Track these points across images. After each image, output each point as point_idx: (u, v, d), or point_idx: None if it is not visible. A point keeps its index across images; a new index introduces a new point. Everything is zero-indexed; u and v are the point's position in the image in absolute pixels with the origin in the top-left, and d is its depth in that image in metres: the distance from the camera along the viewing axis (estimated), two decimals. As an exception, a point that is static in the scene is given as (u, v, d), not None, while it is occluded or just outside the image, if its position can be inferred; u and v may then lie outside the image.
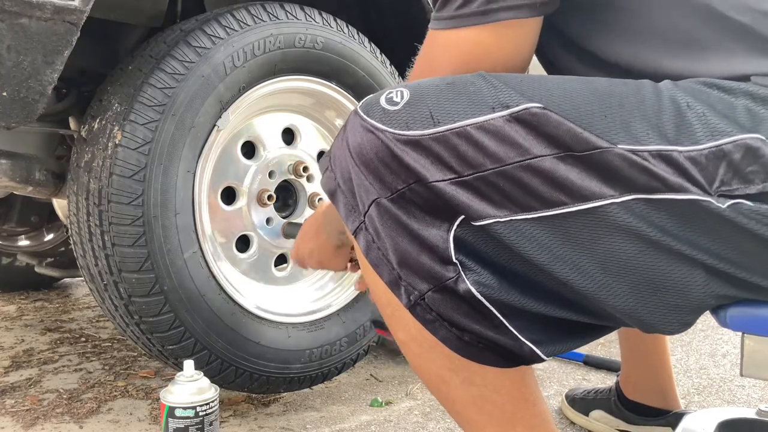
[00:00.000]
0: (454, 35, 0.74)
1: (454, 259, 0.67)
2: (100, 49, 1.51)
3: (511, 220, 0.65)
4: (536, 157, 0.64)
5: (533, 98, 0.65)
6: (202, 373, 1.16)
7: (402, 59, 1.83)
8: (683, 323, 0.70)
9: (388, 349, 1.93)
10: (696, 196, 0.63)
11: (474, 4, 0.71)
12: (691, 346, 2.01)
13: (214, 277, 1.33)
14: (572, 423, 1.42)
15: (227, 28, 1.32)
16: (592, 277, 0.66)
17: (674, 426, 1.24)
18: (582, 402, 1.40)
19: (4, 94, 1.05)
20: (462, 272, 0.67)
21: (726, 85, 0.67)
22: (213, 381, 1.18)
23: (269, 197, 1.46)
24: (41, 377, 1.69)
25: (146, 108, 1.23)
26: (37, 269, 2.54)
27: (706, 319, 2.28)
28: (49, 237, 2.60)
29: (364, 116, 0.70)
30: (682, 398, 1.46)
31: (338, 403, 1.54)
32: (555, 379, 1.71)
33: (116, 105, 1.27)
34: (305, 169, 1.53)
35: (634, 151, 0.63)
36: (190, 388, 1.13)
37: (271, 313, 1.44)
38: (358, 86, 1.55)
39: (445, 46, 0.76)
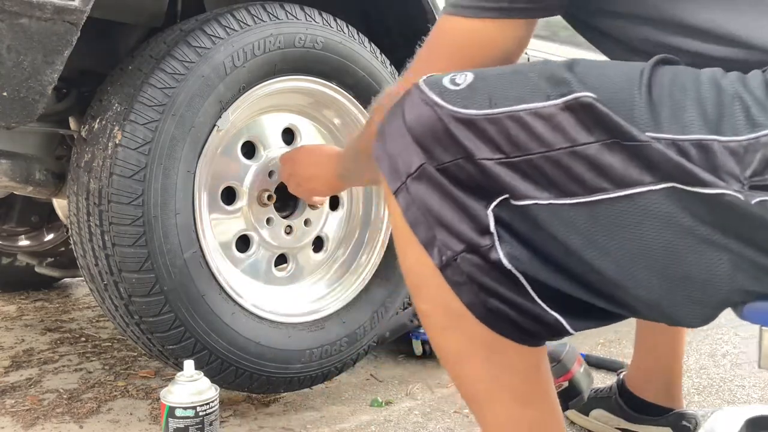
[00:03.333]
0: (465, 23, 0.82)
1: (492, 230, 0.70)
2: (100, 49, 1.51)
3: (551, 204, 0.68)
4: (582, 144, 0.66)
5: (587, 87, 0.67)
6: (202, 373, 1.16)
7: (402, 59, 1.83)
8: (706, 317, 0.71)
9: (388, 349, 1.93)
10: (726, 190, 0.63)
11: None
12: (691, 346, 2.01)
13: (214, 277, 1.33)
14: (571, 423, 1.42)
15: (227, 28, 1.32)
16: (622, 265, 0.68)
17: (674, 425, 1.24)
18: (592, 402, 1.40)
19: (4, 94, 1.05)
20: (497, 243, 0.70)
21: None
22: (213, 381, 1.18)
23: (269, 197, 1.46)
24: (41, 377, 1.69)
25: (146, 108, 1.23)
26: (37, 269, 2.54)
27: (706, 319, 2.24)
28: (49, 237, 2.59)
29: (426, 90, 0.73)
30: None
31: (338, 403, 1.54)
32: (555, 379, 1.71)
33: (116, 105, 1.27)
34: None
35: (674, 141, 0.64)
36: (190, 388, 1.13)
37: (271, 313, 1.44)
38: (358, 86, 1.55)
39: (451, 32, 0.85)
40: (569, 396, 1.09)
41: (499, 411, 0.78)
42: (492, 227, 0.70)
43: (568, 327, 0.72)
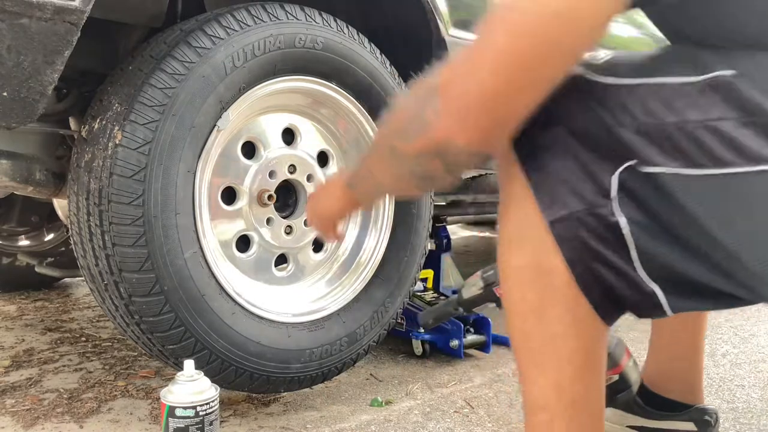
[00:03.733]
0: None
1: (613, 195, 0.71)
2: (100, 49, 1.51)
3: (678, 173, 0.68)
4: (719, 119, 0.67)
5: (730, 65, 0.68)
6: (203, 373, 1.16)
7: (402, 59, 1.83)
8: None
9: (388, 349, 1.93)
10: None
11: None
12: (690, 345, 2.01)
13: (214, 277, 1.33)
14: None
15: (227, 29, 1.32)
16: (745, 238, 0.68)
17: (697, 421, 1.25)
18: None
19: (5, 94, 1.05)
20: (617, 207, 0.71)
21: None
22: (213, 381, 1.18)
23: (269, 197, 1.46)
24: (41, 377, 1.69)
25: (146, 108, 1.24)
26: (37, 269, 2.54)
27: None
28: (50, 237, 2.60)
29: None
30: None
31: (338, 403, 1.54)
32: (555, 378, 1.71)
33: (116, 105, 1.27)
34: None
35: None
36: (190, 387, 1.13)
37: (271, 312, 1.45)
38: (358, 86, 1.55)
39: (514, 9, 0.66)
40: (618, 389, 1.07)
41: (551, 375, 0.78)
42: (615, 191, 0.71)
43: (664, 303, 0.73)
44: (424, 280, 2.17)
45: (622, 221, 0.71)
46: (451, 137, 0.69)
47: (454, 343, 1.83)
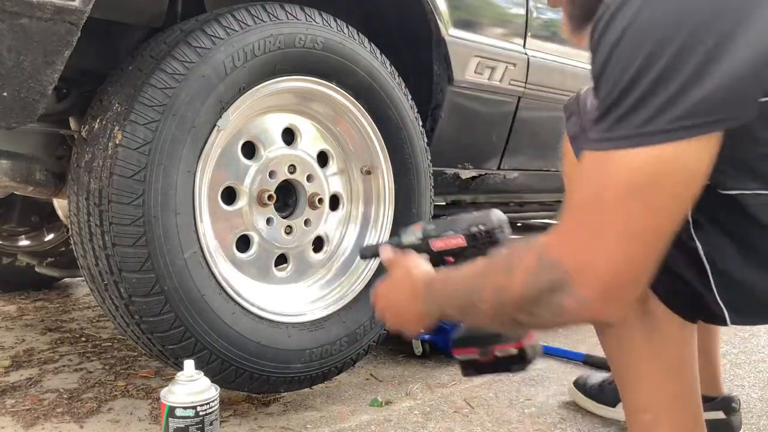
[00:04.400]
0: (632, 155, 0.64)
1: (690, 217, 0.74)
2: (101, 49, 1.51)
3: (758, 193, 0.70)
4: None
5: None
6: (203, 373, 1.16)
7: (402, 59, 1.83)
8: None
9: (388, 349, 1.93)
10: None
11: (662, 120, 0.63)
12: (690, 345, 2.01)
13: (214, 277, 1.33)
14: (580, 415, 1.42)
15: (227, 29, 1.32)
16: None
17: (725, 409, 1.33)
18: (608, 393, 1.43)
19: (5, 94, 1.05)
20: (692, 227, 0.75)
21: None
22: (213, 381, 1.18)
23: (269, 197, 1.46)
24: (42, 377, 1.69)
25: (146, 108, 1.24)
26: (37, 269, 2.54)
27: (706, 319, 2.23)
28: (50, 237, 2.60)
29: None
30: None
31: (338, 403, 1.54)
32: (555, 379, 1.71)
33: (116, 105, 1.27)
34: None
35: None
36: (190, 387, 1.13)
37: (271, 312, 1.45)
38: (358, 86, 1.55)
39: (615, 167, 0.66)
40: (512, 362, 1.08)
41: (651, 378, 0.83)
42: (690, 214, 0.73)
43: (728, 319, 0.77)
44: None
45: (699, 245, 0.75)
46: (599, 317, 0.70)
47: (454, 343, 1.82)
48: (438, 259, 1.06)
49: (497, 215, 1.05)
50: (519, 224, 4.06)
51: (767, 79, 0.63)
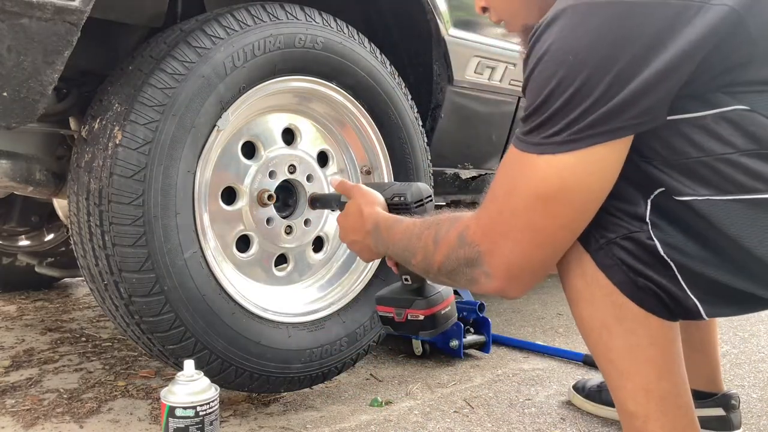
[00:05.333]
0: (541, 161, 0.76)
1: (647, 220, 0.78)
2: (101, 50, 1.51)
3: (710, 199, 0.75)
4: (738, 152, 0.73)
5: (741, 101, 0.73)
6: (203, 373, 1.16)
7: (402, 59, 1.83)
8: None
9: (388, 349, 1.93)
10: None
11: (565, 133, 0.74)
12: (690, 345, 2.01)
13: (214, 276, 1.33)
14: (580, 415, 1.42)
15: (227, 29, 1.32)
16: None
17: (725, 405, 1.33)
18: (607, 394, 1.43)
19: (5, 94, 1.05)
20: (651, 229, 0.78)
21: None
22: (213, 381, 1.18)
23: (269, 197, 1.46)
24: (42, 377, 1.69)
25: (146, 108, 1.24)
26: (37, 269, 2.54)
27: (706, 319, 2.23)
28: (50, 237, 2.60)
29: None
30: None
31: (338, 403, 1.54)
32: (555, 378, 1.71)
33: (116, 105, 1.27)
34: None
35: None
36: (190, 387, 1.13)
37: (271, 312, 1.45)
38: (358, 86, 1.55)
39: (528, 171, 0.77)
40: (420, 327, 1.19)
41: (637, 381, 0.85)
42: (648, 217, 0.78)
43: (703, 312, 0.80)
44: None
45: (659, 244, 0.78)
46: (503, 293, 0.84)
47: (454, 343, 1.83)
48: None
49: (417, 191, 1.18)
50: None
51: (665, 94, 0.72)
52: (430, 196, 1.20)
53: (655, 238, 0.78)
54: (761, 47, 0.74)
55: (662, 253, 0.78)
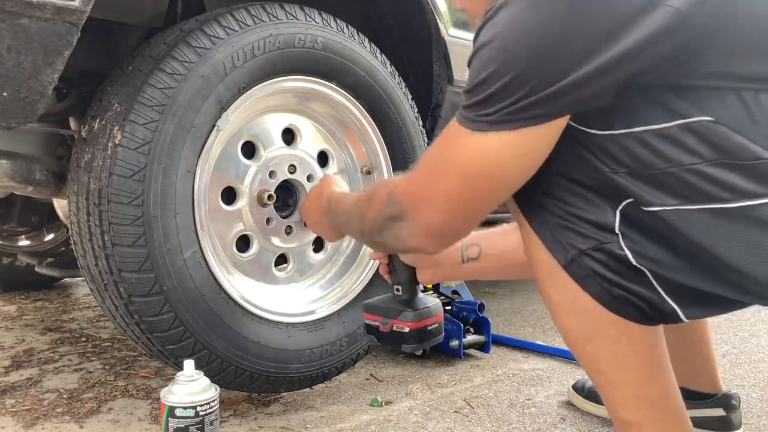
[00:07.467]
0: (472, 138, 0.78)
1: (617, 230, 0.78)
2: (100, 49, 1.51)
3: (678, 209, 0.75)
4: (704, 162, 0.74)
5: (705, 112, 0.74)
6: (203, 373, 1.16)
7: (402, 59, 1.83)
8: None
9: (388, 349, 1.93)
10: None
11: (497, 114, 0.75)
12: (690, 345, 2.01)
13: (214, 276, 1.33)
14: (580, 415, 1.42)
15: (227, 29, 1.32)
16: (747, 260, 0.74)
17: (725, 406, 1.32)
18: None
19: (5, 94, 1.05)
20: (621, 240, 0.78)
21: None
22: (213, 381, 1.18)
23: (269, 197, 1.46)
24: (42, 377, 1.69)
25: (146, 108, 1.24)
26: (37, 269, 2.54)
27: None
28: (50, 237, 2.60)
29: None
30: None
31: (338, 403, 1.54)
32: (555, 378, 1.71)
33: (116, 105, 1.27)
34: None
35: None
36: (190, 387, 1.13)
37: (271, 312, 1.45)
38: (358, 86, 1.55)
39: (460, 145, 0.80)
40: (404, 341, 1.19)
41: (626, 389, 0.86)
42: (617, 227, 0.78)
43: (682, 316, 0.80)
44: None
45: (630, 254, 0.78)
46: (424, 248, 0.89)
47: (454, 343, 1.83)
48: None
49: None
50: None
51: (602, 89, 0.73)
52: None
53: (626, 248, 0.78)
54: (715, 40, 0.74)
55: (634, 262, 0.78)
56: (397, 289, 1.20)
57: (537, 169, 0.80)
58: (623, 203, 0.78)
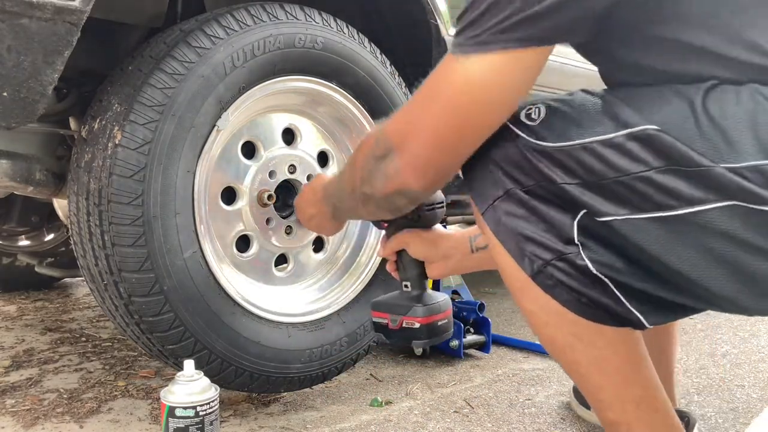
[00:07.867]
0: (459, 64, 0.79)
1: (576, 241, 0.80)
2: (100, 50, 1.51)
3: (628, 218, 0.77)
4: (651, 170, 0.75)
5: (650, 120, 0.75)
6: (203, 373, 1.16)
7: (402, 59, 1.83)
8: None
9: (388, 349, 1.93)
10: None
11: (485, 33, 0.77)
12: (690, 345, 2.01)
13: (214, 276, 1.33)
14: (578, 420, 1.42)
15: (227, 29, 1.32)
16: (698, 267, 0.76)
17: (685, 424, 1.28)
18: None
19: (5, 94, 1.05)
20: (582, 251, 0.80)
21: None
22: (213, 381, 1.18)
23: (269, 197, 1.46)
24: (42, 377, 1.69)
25: (146, 108, 1.24)
26: (37, 269, 2.54)
27: (706, 319, 2.28)
28: (50, 237, 2.60)
29: (510, 126, 0.83)
30: (681, 398, 1.47)
31: (338, 403, 1.54)
32: (555, 378, 1.71)
33: (116, 105, 1.27)
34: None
35: (733, 169, 0.72)
36: (190, 387, 1.13)
37: (271, 312, 1.45)
38: (358, 86, 1.55)
39: (447, 73, 0.81)
40: (413, 336, 1.18)
41: (610, 392, 0.87)
42: (576, 238, 0.80)
43: (645, 322, 0.81)
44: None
45: (590, 263, 0.79)
46: (410, 185, 0.88)
47: (454, 343, 1.83)
48: None
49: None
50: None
51: (584, 13, 0.76)
52: (442, 202, 1.19)
53: (586, 258, 0.79)
54: None
55: (595, 271, 0.79)
56: (406, 285, 1.19)
57: (517, 103, 0.83)
58: (579, 214, 0.79)
